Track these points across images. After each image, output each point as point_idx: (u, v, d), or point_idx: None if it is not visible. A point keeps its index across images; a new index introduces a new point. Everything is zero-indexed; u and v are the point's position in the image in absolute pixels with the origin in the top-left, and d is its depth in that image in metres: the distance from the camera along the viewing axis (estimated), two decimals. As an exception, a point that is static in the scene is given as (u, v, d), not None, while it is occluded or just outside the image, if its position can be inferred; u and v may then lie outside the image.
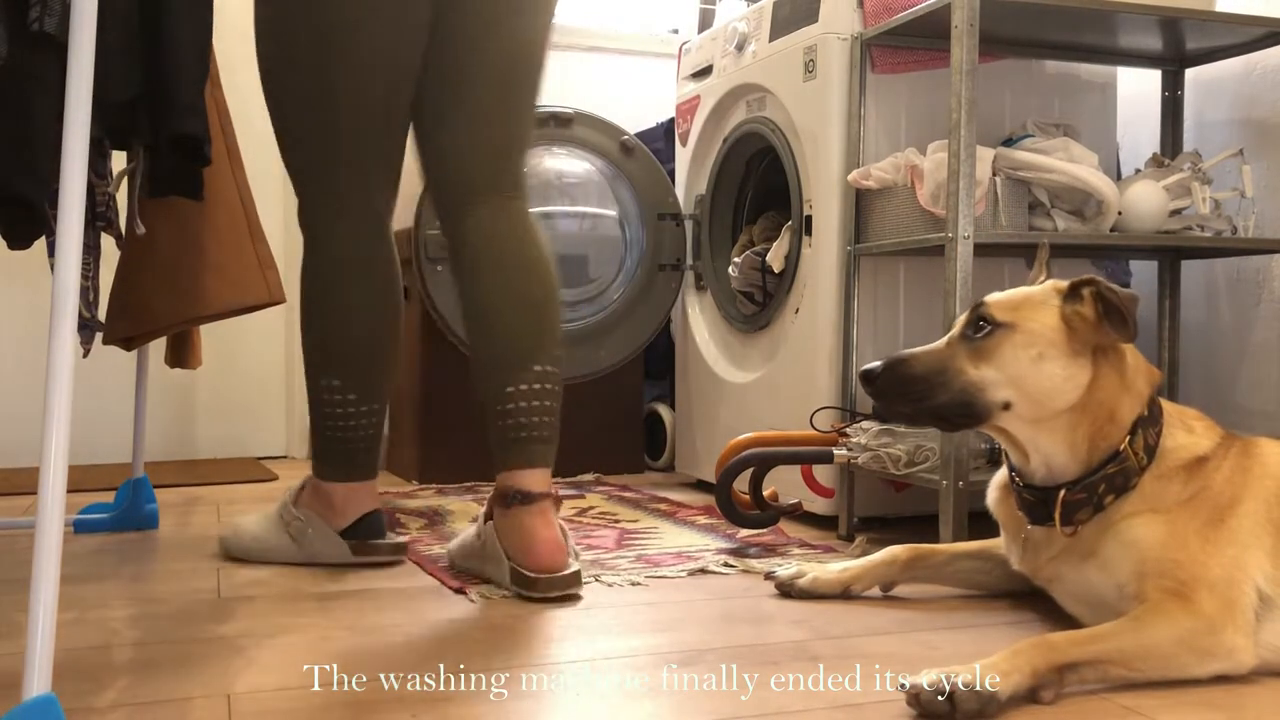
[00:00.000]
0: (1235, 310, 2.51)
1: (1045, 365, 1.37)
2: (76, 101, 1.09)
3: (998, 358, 1.38)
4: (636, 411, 3.17)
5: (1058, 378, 1.37)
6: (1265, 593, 1.28)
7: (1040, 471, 1.42)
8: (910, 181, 2.07)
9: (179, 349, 2.33)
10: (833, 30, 2.28)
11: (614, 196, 2.95)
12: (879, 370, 1.43)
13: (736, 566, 1.87)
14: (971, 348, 1.39)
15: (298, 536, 1.89)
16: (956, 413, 1.41)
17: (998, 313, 1.39)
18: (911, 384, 1.41)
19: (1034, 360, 1.37)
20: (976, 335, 1.40)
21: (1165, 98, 2.48)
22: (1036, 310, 1.39)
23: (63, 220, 1.07)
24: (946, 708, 1.13)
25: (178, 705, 1.20)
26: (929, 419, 1.44)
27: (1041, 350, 1.37)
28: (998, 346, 1.38)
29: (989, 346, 1.38)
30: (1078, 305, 1.38)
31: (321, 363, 1.85)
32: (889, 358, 1.44)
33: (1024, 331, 1.37)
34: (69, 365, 1.04)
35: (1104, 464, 1.37)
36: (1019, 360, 1.37)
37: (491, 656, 1.37)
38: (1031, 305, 1.40)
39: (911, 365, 1.42)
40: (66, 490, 1.03)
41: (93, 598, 1.68)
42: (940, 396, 1.40)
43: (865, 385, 1.46)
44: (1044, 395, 1.37)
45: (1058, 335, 1.37)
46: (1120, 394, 1.39)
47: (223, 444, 3.57)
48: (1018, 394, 1.38)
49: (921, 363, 1.42)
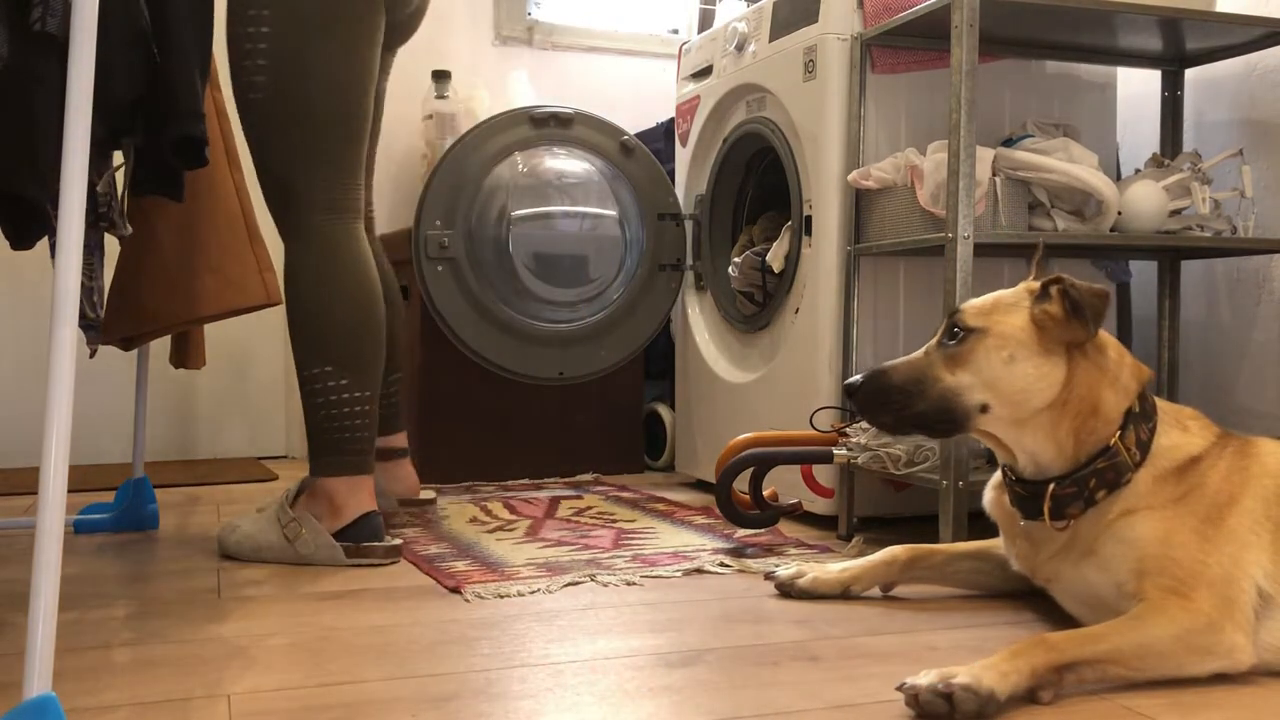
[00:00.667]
0: (1235, 310, 2.51)
1: (1017, 366, 1.39)
2: (77, 101, 1.09)
3: (972, 363, 1.40)
4: (636, 411, 3.17)
5: (1030, 377, 1.39)
6: (1264, 591, 1.28)
7: (1029, 468, 1.44)
8: (910, 181, 2.07)
9: (182, 349, 2.34)
10: (833, 30, 2.28)
11: (614, 196, 2.95)
12: (859, 383, 1.47)
13: (733, 566, 1.88)
14: (947, 354, 1.43)
15: (292, 538, 1.91)
16: (937, 419, 1.43)
17: (970, 319, 1.42)
18: (891, 394, 1.44)
19: (1006, 362, 1.39)
20: (951, 342, 1.43)
21: (1165, 98, 2.48)
22: (1007, 313, 1.42)
23: (63, 220, 1.07)
24: (945, 708, 1.13)
25: (178, 705, 1.20)
26: (911, 427, 1.47)
27: (1012, 352, 1.39)
28: (971, 352, 1.41)
29: (963, 352, 1.41)
30: (1046, 304, 1.40)
31: (312, 351, 1.91)
32: (870, 370, 1.48)
33: (995, 335, 1.40)
34: (69, 365, 1.04)
35: (1093, 459, 1.38)
36: (991, 363, 1.40)
37: (491, 656, 1.37)
38: (1002, 309, 1.42)
39: (890, 376, 1.45)
40: (66, 490, 1.03)
41: (93, 598, 1.68)
42: (919, 405, 1.43)
43: (849, 397, 1.50)
44: (1019, 395, 1.39)
45: (1027, 335, 1.39)
46: (1102, 389, 1.40)
47: (223, 444, 3.57)
48: (993, 396, 1.40)
49: (900, 373, 1.45)
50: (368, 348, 1.93)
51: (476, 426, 2.97)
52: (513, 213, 2.83)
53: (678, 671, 1.31)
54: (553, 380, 2.89)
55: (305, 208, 1.91)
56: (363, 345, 1.92)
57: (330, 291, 1.91)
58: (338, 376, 1.89)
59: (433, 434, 2.94)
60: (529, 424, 3.04)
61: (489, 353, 2.83)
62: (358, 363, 1.92)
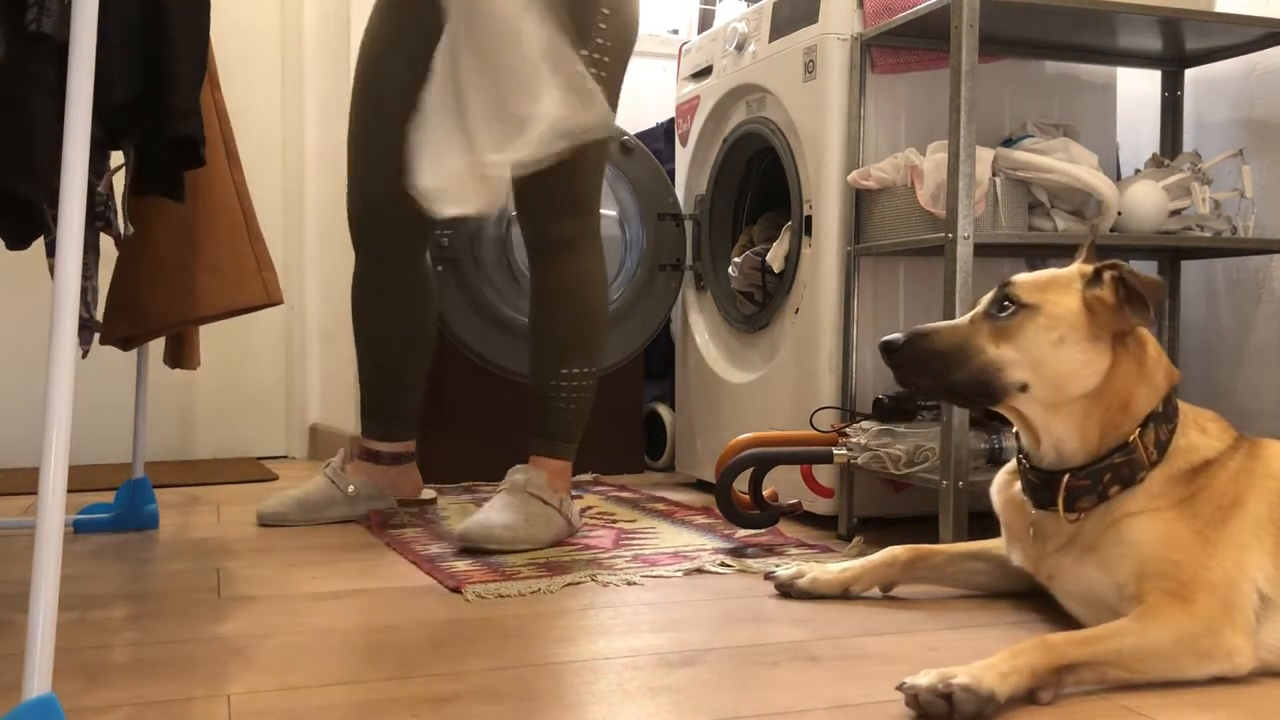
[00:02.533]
0: (1235, 310, 2.51)
1: (1065, 349, 1.36)
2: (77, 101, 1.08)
3: (1019, 338, 1.38)
4: (636, 411, 3.17)
5: (1076, 362, 1.36)
6: (1266, 594, 1.28)
7: (1049, 456, 1.42)
8: (910, 182, 2.07)
9: (177, 349, 2.33)
10: (833, 30, 2.28)
11: (614, 196, 2.95)
12: (900, 342, 1.43)
13: (733, 566, 1.88)
14: (994, 326, 1.39)
15: (571, 517, 2.13)
16: (973, 390, 1.41)
17: (1023, 293, 1.39)
18: (931, 359, 1.41)
19: (1055, 344, 1.36)
20: (1000, 314, 1.39)
21: (1165, 98, 2.48)
22: (1061, 293, 1.38)
23: (63, 220, 1.07)
24: (945, 708, 1.13)
25: (178, 705, 1.20)
26: (945, 395, 1.46)
27: (1063, 334, 1.36)
28: (1020, 327, 1.38)
29: (1011, 327, 1.38)
30: (1098, 290, 1.37)
31: (590, 351, 2.20)
32: (911, 330, 1.44)
33: (1047, 314, 1.37)
34: (69, 365, 1.04)
35: (1111, 453, 1.37)
36: (1040, 343, 1.37)
37: (491, 656, 1.37)
38: (1057, 287, 1.39)
39: (933, 340, 1.42)
40: (66, 490, 1.03)
41: (93, 598, 1.68)
42: (958, 374, 1.40)
43: (885, 355, 1.45)
44: (1062, 379, 1.37)
45: (1079, 319, 1.37)
46: (1137, 384, 1.39)
47: (223, 444, 3.57)
48: (1036, 376, 1.38)
49: (943, 338, 1.42)
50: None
51: (476, 426, 2.96)
52: (513, 213, 2.83)
53: (678, 671, 1.31)
54: (553, 380, 2.88)
55: (596, 217, 2.19)
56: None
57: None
58: (594, 375, 2.20)
59: (433, 434, 2.93)
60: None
61: (489, 353, 2.83)
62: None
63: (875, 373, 2.26)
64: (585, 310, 2.17)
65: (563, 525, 2.11)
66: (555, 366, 2.16)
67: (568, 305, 2.16)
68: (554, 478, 2.15)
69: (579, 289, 2.17)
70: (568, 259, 2.15)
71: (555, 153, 1.73)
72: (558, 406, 2.17)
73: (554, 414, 2.17)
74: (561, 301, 2.16)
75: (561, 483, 2.17)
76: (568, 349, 2.16)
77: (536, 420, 2.19)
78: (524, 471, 2.14)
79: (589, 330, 2.18)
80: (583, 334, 2.17)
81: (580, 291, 2.17)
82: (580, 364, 2.16)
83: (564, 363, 2.16)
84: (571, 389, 2.16)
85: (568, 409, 2.17)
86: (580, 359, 2.16)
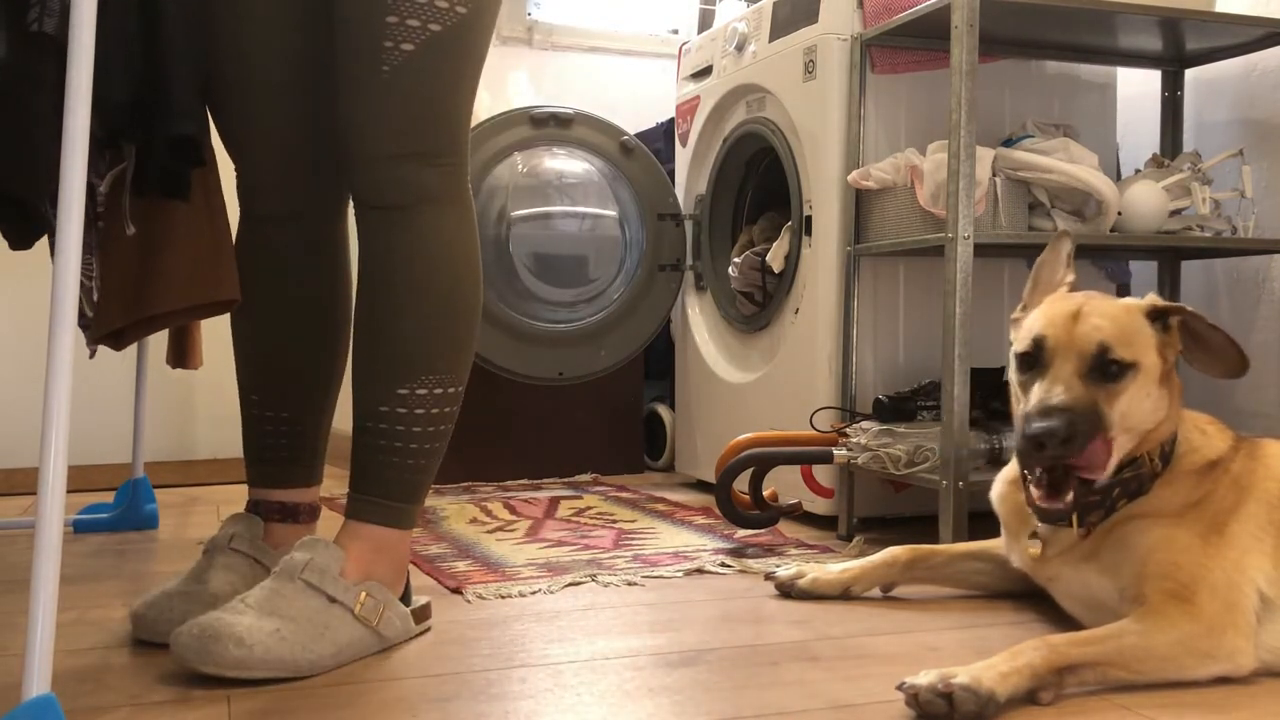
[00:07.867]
0: (1235, 310, 2.51)
1: (1149, 401, 1.35)
2: (76, 101, 1.08)
3: (1124, 398, 1.33)
4: (636, 411, 3.17)
5: (1150, 411, 1.35)
6: (1266, 595, 1.28)
7: None
8: (910, 182, 2.07)
9: (180, 348, 2.33)
10: (832, 31, 2.28)
11: (614, 197, 2.95)
12: (1060, 430, 1.27)
13: (733, 566, 1.88)
14: (1109, 391, 1.32)
15: (376, 622, 1.37)
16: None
17: (1123, 352, 1.33)
18: (1077, 438, 1.29)
19: (1144, 398, 1.34)
20: (1109, 380, 1.32)
21: (1165, 98, 2.48)
22: (1146, 348, 1.35)
23: (63, 220, 1.07)
24: (945, 708, 1.13)
25: (178, 705, 1.20)
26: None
27: (1149, 389, 1.35)
28: (1126, 389, 1.33)
29: (1120, 389, 1.33)
30: (1167, 336, 1.37)
31: (436, 358, 1.46)
32: (1060, 413, 1.28)
33: (1145, 373, 1.34)
34: (69, 365, 1.04)
35: (1121, 469, 1.37)
36: (1136, 398, 1.34)
37: (491, 656, 1.37)
38: (1142, 341, 1.35)
39: (1083, 421, 1.29)
40: (66, 490, 1.03)
41: (93, 598, 1.68)
42: (1085, 442, 1.30)
43: (1046, 447, 1.28)
44: (1136, 425, 1.35)
45: (1158, 371, 1.36)
46: (1174, 418, 1.39)
47: (223, 444, 3.56)
48: (1120, 426, 1.33)
49: (1088, 418, 1.30)
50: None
51: (476, 426, 2.96)
52: (512, 213, 2.83)
53: (678, 671, 1.31)
54: (552, 381, 2.89)
55: (464, 148, 1.46)
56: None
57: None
58: (456, 396, 1.45)
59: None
60: (528, 424, 3.03)
61: (489, 353, 2.83)
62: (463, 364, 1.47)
63: (875, 373, 2.26)
64: (441, 294, 1.41)
65: (359, 637, 1.34)
66: (389, 384, 1.40)
67: (413, 287, 1.40)
68: (366, 560, 1.38)
69: (436, 259, 1.41)
70: (419, 217, 1.40)
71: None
72: (391, 444, 1.40)
73: (381, 457, 1.41)
74: (404, 282, 1.40)
75: (385, 569, 1.40)
76: (413, 356, 1.40)
77: (355, 465, 1.44)
78: (309, 547, 1.36)
79: (446, 325, 1.42)
80: (436, 332, 1.41)
81: (436, 264, 1.41)
82: (431, 379, 1.41)
83: (403, 377, 1.40)
84: (413, 418, 1.40)
85: (406, 448, 1.41)
86: (431, 369, 1.40)
